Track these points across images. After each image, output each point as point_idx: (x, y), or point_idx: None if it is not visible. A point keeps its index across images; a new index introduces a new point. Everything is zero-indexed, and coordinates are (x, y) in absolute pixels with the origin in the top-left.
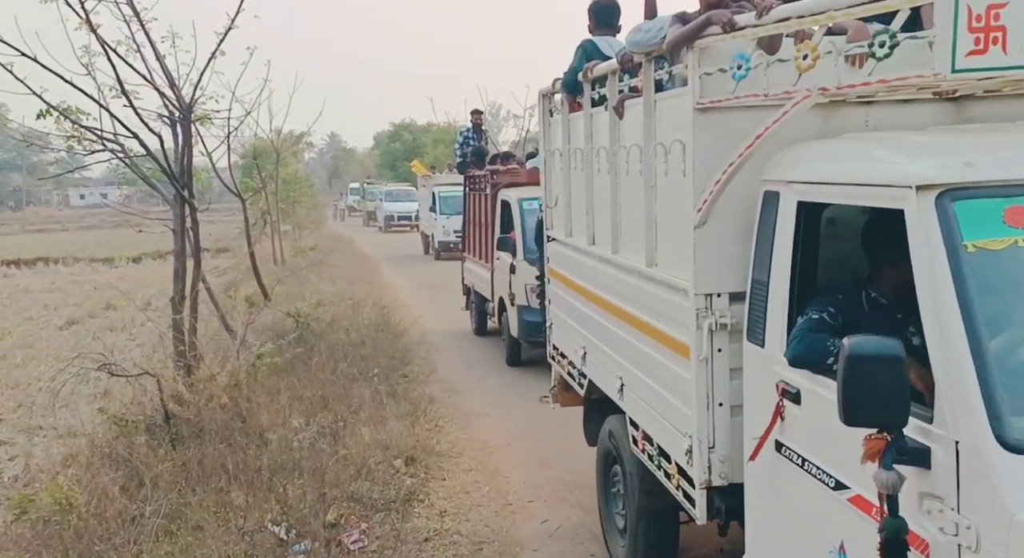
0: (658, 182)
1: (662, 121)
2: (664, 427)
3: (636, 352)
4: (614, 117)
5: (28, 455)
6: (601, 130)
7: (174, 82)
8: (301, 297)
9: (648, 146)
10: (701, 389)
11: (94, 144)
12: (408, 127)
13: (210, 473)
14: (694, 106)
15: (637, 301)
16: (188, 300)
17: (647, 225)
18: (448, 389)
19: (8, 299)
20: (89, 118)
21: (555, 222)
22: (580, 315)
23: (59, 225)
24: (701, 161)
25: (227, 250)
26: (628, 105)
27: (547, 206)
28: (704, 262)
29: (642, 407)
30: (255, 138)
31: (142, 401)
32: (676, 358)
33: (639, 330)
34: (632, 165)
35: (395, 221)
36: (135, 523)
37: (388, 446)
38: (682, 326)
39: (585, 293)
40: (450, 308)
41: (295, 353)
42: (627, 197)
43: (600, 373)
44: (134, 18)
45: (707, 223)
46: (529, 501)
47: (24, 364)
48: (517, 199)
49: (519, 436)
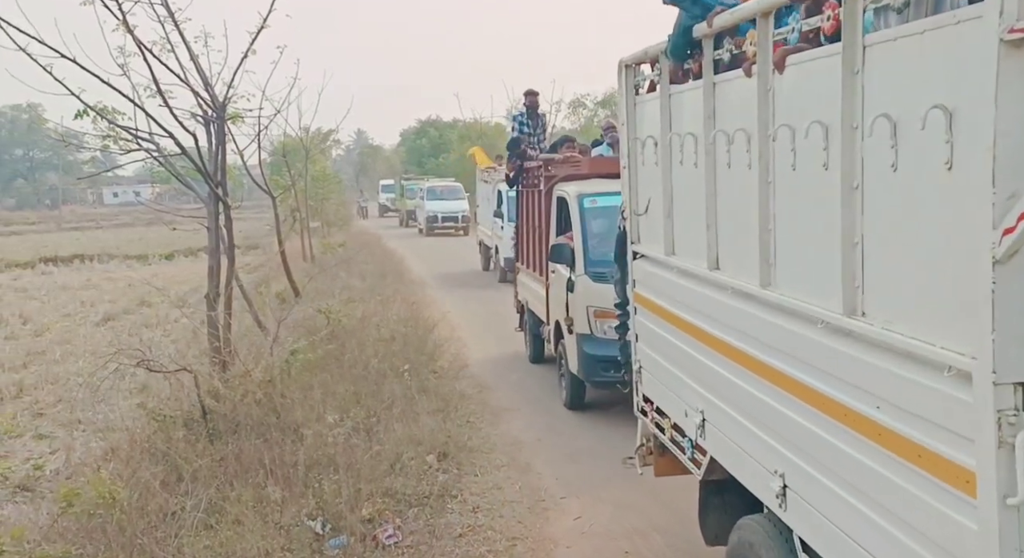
0: (878, 180)
1: (895, 75)
2: None
3: (822, 447)
4: (767, 79)
5: (69, 448)
6: (732, 104)
7: (208, 82)
8: (331, 293)
9: (849, 120)
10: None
11: (129, 144)
12: (435, 123)
13: (247, 468)
14: (1003, 37)
15: (822, 368)
16: (223, 297)
17: (845, 251)
18: (478, 385)
19: (47, 296)
20: (124, 118)
21: (645, 233)
22: (694, 365)
23: (94, 223)
24: (1014, 141)
25: (257, 247)
26: (792, 61)
27: (632, 212)
28: (1013, 325)
29: (835, 537)
30: (284, 136)
31: (179, 396)
32: (935, 486)
33: (830, 416)
34: (804, 154)
35: (439, 223)
36: (175, 517)
37: (420, 442)
38: (952, 435)
39: (702, 336)
40: None
41: (327, 349)
42: (791, 204)
43: (733, 455)
44: (168, 18)
45: (1020, 254)
46: (561, 497)
47: (63, 360)
48: (576, 195)
49: (549, 432)
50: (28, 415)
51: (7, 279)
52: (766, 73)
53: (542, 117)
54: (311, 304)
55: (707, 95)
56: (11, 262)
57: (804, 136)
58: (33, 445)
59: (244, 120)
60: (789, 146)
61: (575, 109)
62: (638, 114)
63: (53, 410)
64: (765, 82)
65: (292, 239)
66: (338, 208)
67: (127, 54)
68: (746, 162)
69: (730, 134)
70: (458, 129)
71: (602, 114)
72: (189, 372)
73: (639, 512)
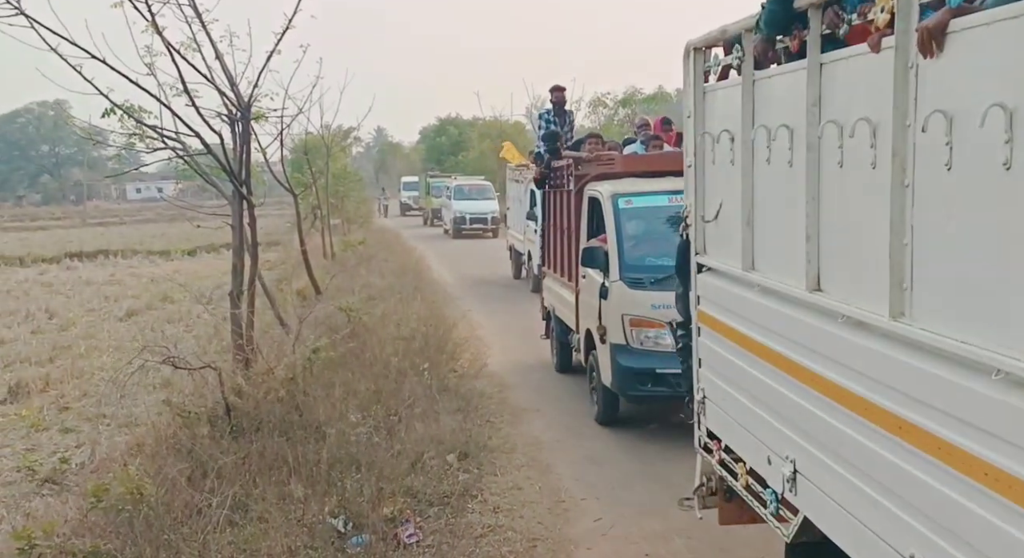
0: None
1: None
2: None
3: (993, 534)
4: (906, 55)
5: (94, 442)
6: (849, 89)
7: (234, 81)
8: (351, 290)
9: None
10: None
11: (155, 142)
12: (454, 122)
13: (271, 465)
14: None
15: (996, 433)
16: (246, 295)
17: None
18: (498, 384)
19: (71, 291)
20: (150, 116)
21: (714, 243)
22: (783, 404)
23: (117, 219)
24: None
25: (277, 243)
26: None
27: (697, 218)
28: None
29: None
30: (305, 134)
31: (203, 393)
32: None
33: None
34: (968, 150)
35: (467, 224)
36: (201, 514)
37: (441, 441)
38: None
39: (797, 371)
40: None
41: (348, 348)
42: (942, 213)
43: (845, 526)
44: (196, 19)
45: None
46: (582, 499)
47: (87, 354)
48: (611, 195)
49: (569, 432)
50: (54, 409)
51: (34, 274)
52: (907, 46)
53: (569, 114)
54: (331, 301)
55: (812, 78)
56: (37, 257)
57: (980, 124)
58: (59, 439)
59: (268, 119)
60: (944, 139)
61: (595, 108)
62: (707, 104)
63: (78, 404)
64: (905, 59)
65: (312, 236)
66: (358, 205)
67: (154, 54)
68: (869, 160)
69: (846, 125)
70: (478, 127)
71: (622, 113)
72: (214, 369)
73: (660, 516)
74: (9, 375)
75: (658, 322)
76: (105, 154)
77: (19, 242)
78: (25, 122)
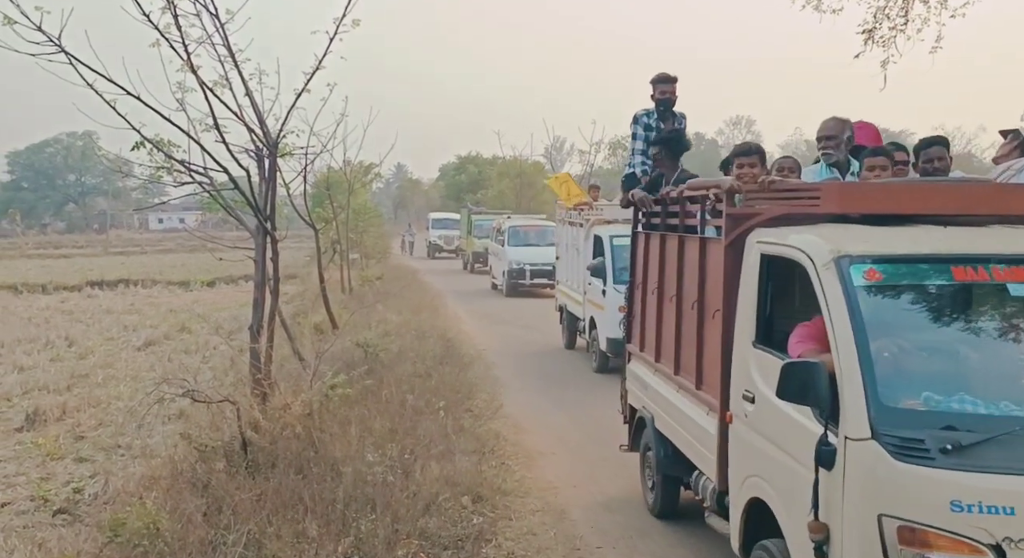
0: None
1: None
2: None
3: None
4: None
5: (108, 473)
6: None
7: (262, 118)
8: (367, 326)
9: None
10: None
11: (183, 176)
12: (474, 160)
13: (287, 503)
14: None
15: None
16: (266, 330)
17: None
18: (513, 426)
19: (91, 319)
20: (179, 150)
21: None
22: None
23: (139, 248)
24: None
25: (295, 277)
26: None
27: None
28: None
29: None
30: (328, 169)
31: (220, 426)
32: None
33: None
34: None
35: (527, 279)
36: (216, 550)
37: (456, 483)
38: None
39: None
40: None
41: (365, 385)
42: None
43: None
44: (228, 58)
45: None
46: (597, 547)
47: (104, 383)
48: (835, 258)
49: (585, 478)
50: (70, 438)
51: (55, 301)
52: None
53: (680, 118)
54: (348, 336)
55: None
56: (60, 285)
57: None
58: (73, 468)
59: (293, 155)
60: None
61: (614, 150)
62: None
63: (94, 433)
64: None
65: (330, 270)
66: (376, 240)
67: (185, 89)
68: None
69: None
70: (498, 166)
71: None
72: (232, 403)
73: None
74: (27, 402)
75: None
76: (130, 185)
77: (42, 269)
78: (54, 151)
